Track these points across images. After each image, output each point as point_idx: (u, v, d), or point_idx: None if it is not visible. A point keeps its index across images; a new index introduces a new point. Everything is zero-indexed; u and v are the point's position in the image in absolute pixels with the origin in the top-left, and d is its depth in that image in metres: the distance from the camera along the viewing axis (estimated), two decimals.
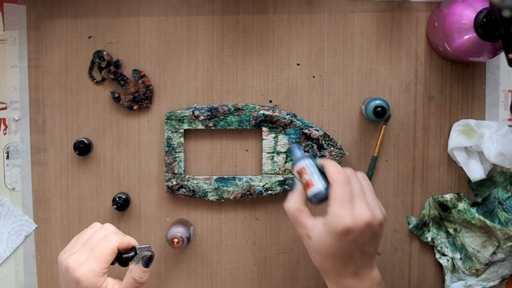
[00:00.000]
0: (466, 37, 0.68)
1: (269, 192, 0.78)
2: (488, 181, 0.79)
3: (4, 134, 0.80)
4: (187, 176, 0.78)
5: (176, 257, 0.81)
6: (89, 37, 0.79)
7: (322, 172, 0.66)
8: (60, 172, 0.80)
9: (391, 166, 0.80)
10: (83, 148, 0.78)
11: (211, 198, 0.78)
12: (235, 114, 0.77)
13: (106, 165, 0.80)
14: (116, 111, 0.80)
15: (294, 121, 0.77)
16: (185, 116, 0.77)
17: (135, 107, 0.78)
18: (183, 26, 0.79)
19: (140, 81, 0.78)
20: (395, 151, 0.80)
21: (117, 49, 0.79)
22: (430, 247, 0.81)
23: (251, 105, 0.77)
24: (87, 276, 0.60)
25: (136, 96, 0.78)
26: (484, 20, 0.66)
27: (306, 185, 0.65)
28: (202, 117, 0.77)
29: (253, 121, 0.77)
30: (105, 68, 0.78)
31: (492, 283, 0.78)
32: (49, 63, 0.79)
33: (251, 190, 0.78)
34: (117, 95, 0.78)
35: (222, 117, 0.77)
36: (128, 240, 0.63)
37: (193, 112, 0.77)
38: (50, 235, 0.80)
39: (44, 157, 0.80)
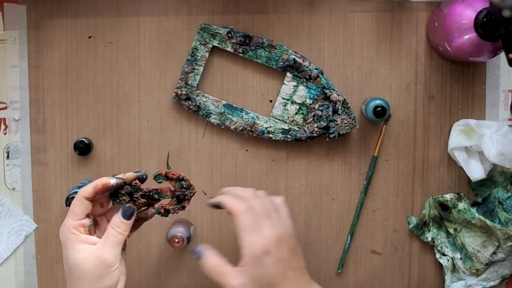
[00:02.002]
0: (466, 37, 0.68)
1: (270, 135, 0.78)
2: (488, 181, 0.79)
3: (4, 134, 0.80)
4: (197, 91, 0.78)
5: (176, 257, 0.81)
6: (89, 37, 0.79)
7: (219, 207, 0.67)
8: (60, 172, 0.80)
9: (391, 166, 0.80)
10: (83, 148, 0.78)
11: (212, 121, 0.78)
12: (267, 49, 0.77)
13: (106, 165, 0.80)
14: (116, 111, 0.80)
15: (319, 78, 0.77)
16: (218, 33, 0.77)
17: (186, 204, 0.68)
18: (183, 26, 0.79)
19: (167, 181, 0.68)
20: (395, 151, 0.80)
21: (117, 49, 0.79)
22: (430, 247, 0.81)
23: (284, 47, 0.77)
24: (61, 230, 0.63)
25: (179, 195, 0.68)
26: (484, 20, 0.66)
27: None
28: (234, 40, 0.77)
29: (281, 63, 0.77)
30: (131, 197, 0.66)
31: (492, 283, 0.78)
32: (49, 63, 0.79)
33: (254, 127, 0.78)
34: (163, 211, 0.68)
35: (253, 47, 0.77)
36: (92, 187, 0.62)
37: (228, 32, 0.77)
38: (50, 235, 0.80)
39: (44, 157, 0.80)
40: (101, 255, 0.62)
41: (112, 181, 0.63)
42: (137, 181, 0.65)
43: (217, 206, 0.68)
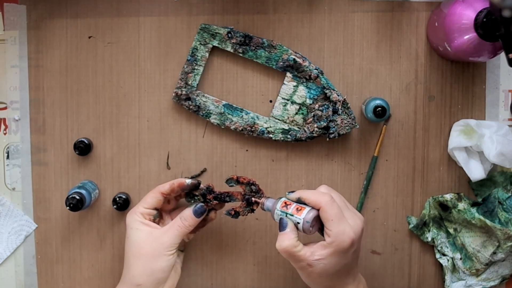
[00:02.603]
0: (466, 37, 0.68)
1: (270, 135, 0.78)
2: (488, 181, 0.79)
3: (4, 134, 0.80)
4: (197, 91, 0.78)
5: None
6: (89, 37, 0.79)
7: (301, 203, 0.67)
8: (60, 172, 0.80)
9: (391, 166, 0.80)
10: (83, 148, 0.78)
11: (212, 121, 0.78)
12: (267, 49, 0.77)
13: (106, 165, 0.80)
14: (116, 111, 0.80)
15: (319, 78, 0.77)
16: (218, 33, 0.77)
17: (255, 207, 0.73)
18: (183, 26, 0.79)
19: (238, 185, 0.73)
20: (395, 151, 0.80)
21: (117, 49, 0.79)
22: (430, 247, 0.81)
23: (284, 47, 0.77)
24: (129, 213, 0.72)
25: (249, 199, 0.73)
26: (484, 20, 0.66)
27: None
28: (234, 40, 0.77)
29: (281, 63, 0.77)
30: (204, 199, 0.73)
31: (492, 283, 0.78)
32: (49, 63, 0.79)
33: (254, 127, 0.78)
34: (233, 212, 0.73)
35: (253, 47, 0.77)
36: (169, 184, 0.72)
37: (228, 32, 0.77)
38: (50, 235, 0.80)
39: (44, 157, 0.80)
40: (160, 237, 0.70)
41: (188, 181, 0.72)
42: (211, 184, 0.73)
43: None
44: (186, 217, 0.71)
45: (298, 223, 0.66)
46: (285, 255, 0.66)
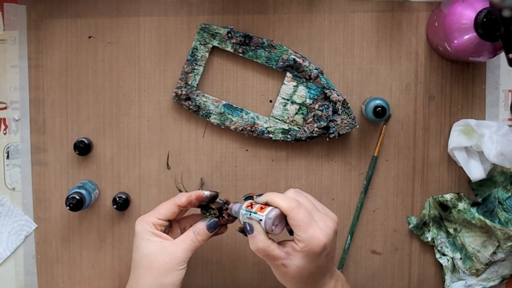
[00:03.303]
0: (466, 37, 0.68)
1: (270, 135, 0.78)
2: (488, 181, 0.79)
3: (4, 134, 0.80)
4: (197, 91, 0.78)
5: None
6: (89, 37, 0.79)
7: (245, 234, 0.66)
8: (60, 172, 0.80)
9: (391, 166, 0.80)
10: (83, 148, 0.78)
11: (212, 121, 0.78)
12: (267, 49, 0.77)
13: (106, 165, 0.80)
14: (116, 111, 0.80)
15: (319, 78, 0.77)
16: (218, 33, 0.77)
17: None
18: (183, 26, 0.79)
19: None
20: (395, 151, 0.80)
21: (117, 49, 0.79)
22: (430, 247, 0.81)
23: (284, 47, 0.77)
24: (141, 221, 0.69)
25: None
26: (484, 20, 0.66)
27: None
28: (234, 40, 0.77)
29: (281, 63, 0.77)
30: (220, 213, 0.72)
31: (492, 283, 0.78)
32: (49, 63, 0.79)
33: (254, 127, 0.78)
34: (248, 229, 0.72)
35: (253, 47, 0.77)
36: (186, 197, 0.69)
37: (228, 32, 0.77)
38: (50, 235, 0.80)
39: (44, 157, 0.80)
40: (174, 252, 0.68)
41: (206, 193, 0.70)
42: (228, 198, 0.71)
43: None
44: (200, 232, 0.69)
45: (261, 220, 0.64)
46: (260, 255, 0.64)
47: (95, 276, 0.81)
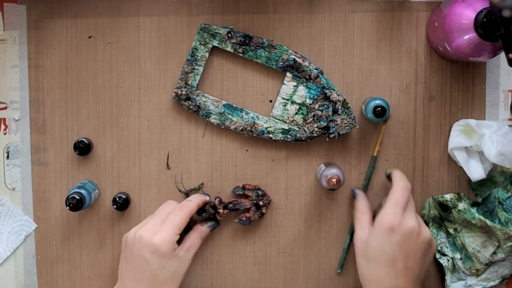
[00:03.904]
0: (466, 37, 0.68)
1: (270, 135, 0.78)
2: (488, 181, 0.79)
3: (4, 134, 0.80)
4: (197, 91, 0.78)
5: None
6: (89, 37, 0.79)
7: (389, 178, 0.75)
8: (60, 172, 0.80)
9: (391, 166, 0.80)
10: (83, 148, 0.78)
11: (212, 121, 0.78)
12: (267, 49, 0.77)
13: (106, 165, 0.80)
14: (116, 111, 0.80)
15: (319, 78, 0.77)
16: (218, 33, 0.77)
17: (264, 211, 0.79)
18: (183, 26, 0.79)
19: (246, 192, 0.79)
20: (395, 151, 0.80)
21: (117, 49, 0.79)
22: None
23: (284, 47, 0.77)
24: (166, 241, 0.69)
25: (257, 203, 0.78)
26: (484, 20, 0.66)
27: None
28: (234, 40, 0.77)
29: (281, 63, 0.77)
30: (215, 210, 0.78)
31: (492, 283, 0.78)
32: (49, 63, 0.79)
33: (254, 127, 0.78)
34: (244, 218, 0.78)
35: (253, 47, 0.77)
36: (196, 205, 0.74)
37: (228, 32, 0.77)
38: (50, 235, 0.80)
39: (44, 157, 0.80)
40: (188, 259, 0.73)
41: (207, 197, 0.77)
42: (218, 195, 0.78)
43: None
44: (204, 235, 0.77)
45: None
46: (358, 213, 0.75)
47: (95, 276, 0.81)
